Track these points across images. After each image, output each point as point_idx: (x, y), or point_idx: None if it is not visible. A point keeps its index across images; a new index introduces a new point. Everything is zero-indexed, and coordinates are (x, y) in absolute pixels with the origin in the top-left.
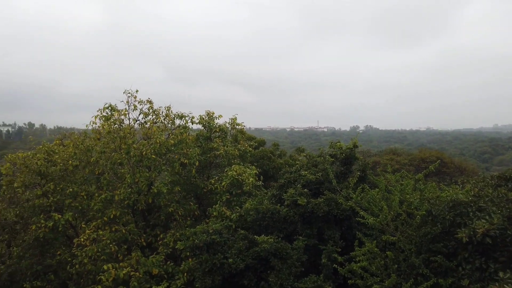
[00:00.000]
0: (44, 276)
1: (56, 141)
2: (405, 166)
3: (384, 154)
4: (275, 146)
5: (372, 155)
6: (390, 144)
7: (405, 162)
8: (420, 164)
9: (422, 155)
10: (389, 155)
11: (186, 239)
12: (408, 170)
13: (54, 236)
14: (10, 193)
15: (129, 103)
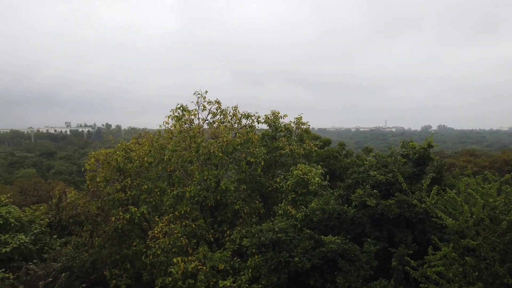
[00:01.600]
0: (121, 265)
1: (132, 140)
2: (485, 168)
3: (459, 155)
4: (341, 146)
5: (447, 156)
6: (467, 145)
7: (484, 164)
8: (503, 167)
9: (505, 157)
10: (466, 156)
11: (252, 236)
12: (493, 173)
13: (131, 228)
14: (93, 187)
15: (199, 104)
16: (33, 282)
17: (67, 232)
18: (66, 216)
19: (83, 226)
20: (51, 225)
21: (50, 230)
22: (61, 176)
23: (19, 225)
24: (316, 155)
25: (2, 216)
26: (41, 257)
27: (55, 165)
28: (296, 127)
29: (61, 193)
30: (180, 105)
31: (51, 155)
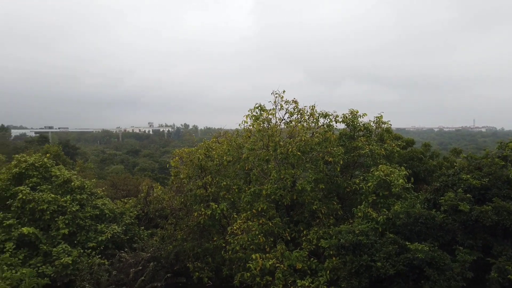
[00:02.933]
0: (203, 258)
1: (213, 139)
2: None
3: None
4: (426, 147)
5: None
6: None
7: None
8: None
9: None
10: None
11: (330, 237)
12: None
13: (211, 223)
14: (177, 183)
15: (276, 103)
16: (125, 269)
17: (153, 225)
18: (152, 210)
19: (167, 219)
20: (139, 217)
21: (138, 222)
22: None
23: (113, 216)
24: (398, 156)
25: (99, 208)
26: (131, 247)
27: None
28: (376, 127)
29: (148, 188)
30: (258, 104)
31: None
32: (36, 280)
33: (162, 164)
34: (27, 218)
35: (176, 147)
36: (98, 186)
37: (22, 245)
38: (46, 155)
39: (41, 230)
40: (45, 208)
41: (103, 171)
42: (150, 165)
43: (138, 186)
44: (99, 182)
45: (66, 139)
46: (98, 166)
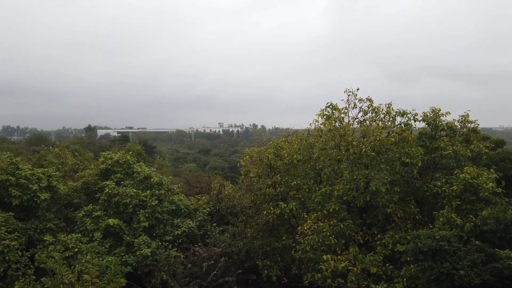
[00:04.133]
0: (272, 257)
1: (282, 138)
2: None
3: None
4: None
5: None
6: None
7: None
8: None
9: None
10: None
11: (407, 242)
12: None
13: (280, 222)
14: (247, 181)
15: (349, 102)
16: (198, 263)
17: (224, 221)
18: (224, 207)
19: (238, 217)
20: (211, 214)
21: (210, 218)
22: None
23: (187, 211)
24: (487, 158)
25: (175, 203)
26: (204, 242)
27: (210, 161)
28: (461, 126)
29: (220, 186)
30: (329, 103)
31: (207, 152)
32: (120, 268)
33: (231, 163)
34: (112, 210)
35: (245, 147)
36: (174, 183)
37: (108, 235)
38: (129, 153)
39: (124, 222)
40: (128, 202)
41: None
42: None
43: (210, 184)
44: (174, 179)
45: (145, 139)
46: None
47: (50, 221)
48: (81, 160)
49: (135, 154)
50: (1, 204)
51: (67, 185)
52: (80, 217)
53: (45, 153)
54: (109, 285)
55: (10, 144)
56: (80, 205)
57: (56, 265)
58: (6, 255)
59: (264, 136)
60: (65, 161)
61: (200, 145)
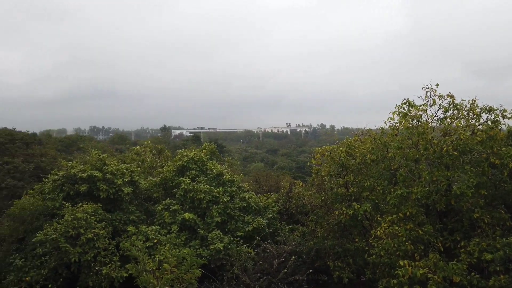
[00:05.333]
0: (344, 259)
1: (355, 137)
2: None
3: None
4: None
5: None
6: None
7: None
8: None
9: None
10: None
11: (495, 250)
12: None
13: (353, 223)
14: (318, 180)
15: (428, 98)
16: (268, 260)
17: (294, 220)
18: (294, 206)
19: (308, 216)
20: (280, 212)
21: (280, 216)
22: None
23: (257, 209)
24: None
25: (246, 200)
26: (273, 239)
27: (278, 161)
28: None
29: (290, 184)
30: (406, 100)
31: (275, 152)
32: (195, 259)
33: (299, 163)
34: (188, 205)
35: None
36: (243, 181)
37: (184, 228)
38: (202, 151)
39: (198, 216)
40: (202, 197)
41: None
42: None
43: (279, 183)
44: (243, 177)
45: (215, 138)
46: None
47: (133, 213)
48: (158, 157)
49: (209, 152)
50: (90, 196)
51: (147, 181)
52: (159, 210)
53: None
54: (186, 275)
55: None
56: (158, 199)
57: (139, 253)
58: (96, 242)
59: (336, 134)
60: (144, 158)
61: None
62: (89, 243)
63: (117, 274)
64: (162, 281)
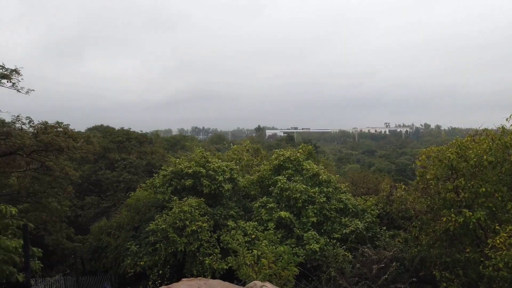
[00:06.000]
0: (452, 269)
1: (467, 138)
2: None
3: None
4: None
5: None
6: None
7: None
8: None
9: None
10: None
11: None
12: None
13: (463, 232)
14: (423, 184)
15: None
16: (367, 264)
17: (395, 225)
18: (395, 210)
19: (411, 221)
20: (380, 216)
21: (379, 221)
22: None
23: (355, 211)
24: None
25: (343, 202)
26: (372, 244)
27: (375, 162)
28: None
29: (391, 187)
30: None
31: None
32: (292, 257)
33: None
34: (284, 203)
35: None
36: (339, 182)
37: (280, 226)
38: (298, 151)
39: (294, 215)
40: (298, 196)
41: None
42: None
43: (377, 185)
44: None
45: (308, 139)
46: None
47: (232, 209)
48: (255, 156)
49: (306, 153)
50: (195, 191)
51: (245, 178)
52: (256, 207)
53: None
54: (283, 271)
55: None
56: (255, 197)
57: (239, 247)
58: (200, 234)
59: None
60: (241, 157)
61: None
62: (193, 234)
63: (218, 265)
64: (261, 275)
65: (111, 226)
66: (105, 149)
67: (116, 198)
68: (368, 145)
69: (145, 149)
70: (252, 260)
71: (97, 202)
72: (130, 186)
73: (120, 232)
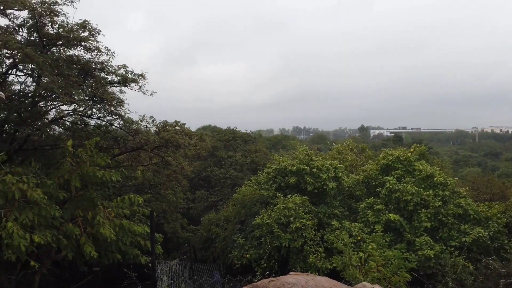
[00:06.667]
0: None
1: None
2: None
3: None
4: None
5: None
6: None
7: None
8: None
9: None
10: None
11: None
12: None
13: None
14: None
15: None
16: (492, 278)
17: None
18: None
19: None
20: (508, 226)
21: (507, 231)
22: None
23: (477, 219)
24: None
25: (462, 207)
26: (499, 256)
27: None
28: None
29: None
30: None
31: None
32: (403, 262)
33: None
34: (392, 206)
35: None
36: (458, 186)
37: (388, 230)
38: (409, 150)
39: (404, 219)
40: (409, 199)
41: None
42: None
43: (504, 191)
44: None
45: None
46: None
47: (336, 208)
48: (359, 156)
49: (417, 153)
50: (298, 189)
51: (350, 178)
52: (362, 208)
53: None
54: (393, 276)
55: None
56: (361, 197)
57: (345, 248)
58: (304, 231)
59: None
60: (345, 156)
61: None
62: (297, 231)
63: (322, 264)
64: (369, 277)
65: (219, 218)
66: (213, 147)
67: (223, 193)
68: (491, 147)
69: (250, 147)
70: (358, 262)
71: (206, 196)
72: (236, 182)
73: (228, 224)
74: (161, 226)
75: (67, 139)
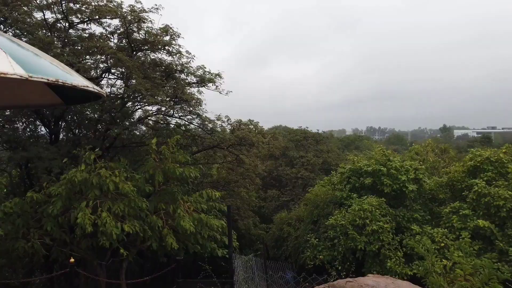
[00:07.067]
0: None
1: None
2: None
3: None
4: None
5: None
6: None
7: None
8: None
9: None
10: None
11: None
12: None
13: None
14: None
15: None
16: None
17: None
18: None
19: None
20: None
21: None
22: None
23: None
24: None
25: None
26: None
27: None
28: None
29: None
30: None
31: None
32: (495, 272)
33: None
34: (481, 211)
35: None
36: None
37: (476, 237)
38: (502, 151)
39: (496, 226)
40: (501, 204)
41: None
42: None
43: None
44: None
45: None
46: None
47: (417, 212)
48: (442, 157)
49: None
50: (374, 190)
51: (432, 180)
52: (446, 213)
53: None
54: (484, 287)
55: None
56: (444, 201)
57: (428, 253)
58: (380, 235)
59: None
60: (425, 158)
61: None
62: (374, 234)
63: (402, 270)
64: (455, 286)
65: (291, 218)
66: (284, 147)
67: (294, 193)
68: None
69: (321, 147)
70: (442, 269)
71: (278, 195)
72: (307, 182)
73: (300, 224)
74: (235, 222)
75: (151, 138)
